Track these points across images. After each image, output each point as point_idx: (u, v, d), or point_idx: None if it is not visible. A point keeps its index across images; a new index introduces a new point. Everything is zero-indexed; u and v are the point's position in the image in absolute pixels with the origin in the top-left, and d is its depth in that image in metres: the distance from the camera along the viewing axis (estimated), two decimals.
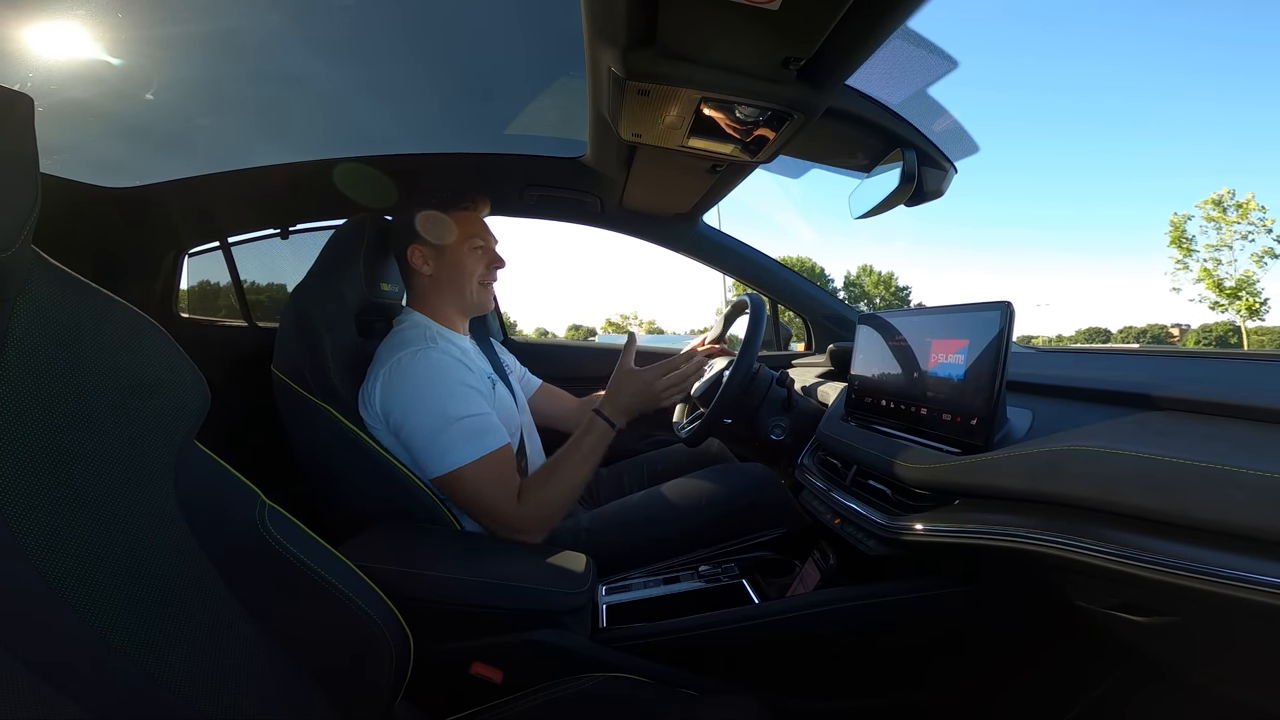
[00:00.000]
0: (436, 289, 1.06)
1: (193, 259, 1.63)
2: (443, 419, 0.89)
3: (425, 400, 0.90)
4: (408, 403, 0.90)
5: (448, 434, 0.89)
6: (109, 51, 1.00)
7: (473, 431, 0.90)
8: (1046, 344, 26.53)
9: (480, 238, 1.07)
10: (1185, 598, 0.46)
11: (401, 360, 0.92)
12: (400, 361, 0.92)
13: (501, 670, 0.75)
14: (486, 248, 1.08)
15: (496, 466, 0.90)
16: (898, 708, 0.86)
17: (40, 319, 0.39)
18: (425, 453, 0.89)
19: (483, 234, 1.08)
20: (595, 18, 0.68)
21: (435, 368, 0.92)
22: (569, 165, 1.37)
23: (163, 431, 0.45)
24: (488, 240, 1.08)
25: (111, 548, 0.39)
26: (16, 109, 0.35)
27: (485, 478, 0.89)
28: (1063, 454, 0.55)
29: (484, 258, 1.07)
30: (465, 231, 1.05)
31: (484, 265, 1.07)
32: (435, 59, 1.22)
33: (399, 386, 0.91)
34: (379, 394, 0.92)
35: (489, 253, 1.09)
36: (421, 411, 0.89)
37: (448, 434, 0.89)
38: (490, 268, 1.08)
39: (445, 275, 1.05)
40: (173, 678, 0.40)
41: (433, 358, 0.93)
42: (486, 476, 0.89)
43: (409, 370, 0.91)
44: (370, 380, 0.94)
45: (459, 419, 0.90)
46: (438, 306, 1.06)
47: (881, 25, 0.63)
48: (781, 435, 1.15)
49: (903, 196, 1.09)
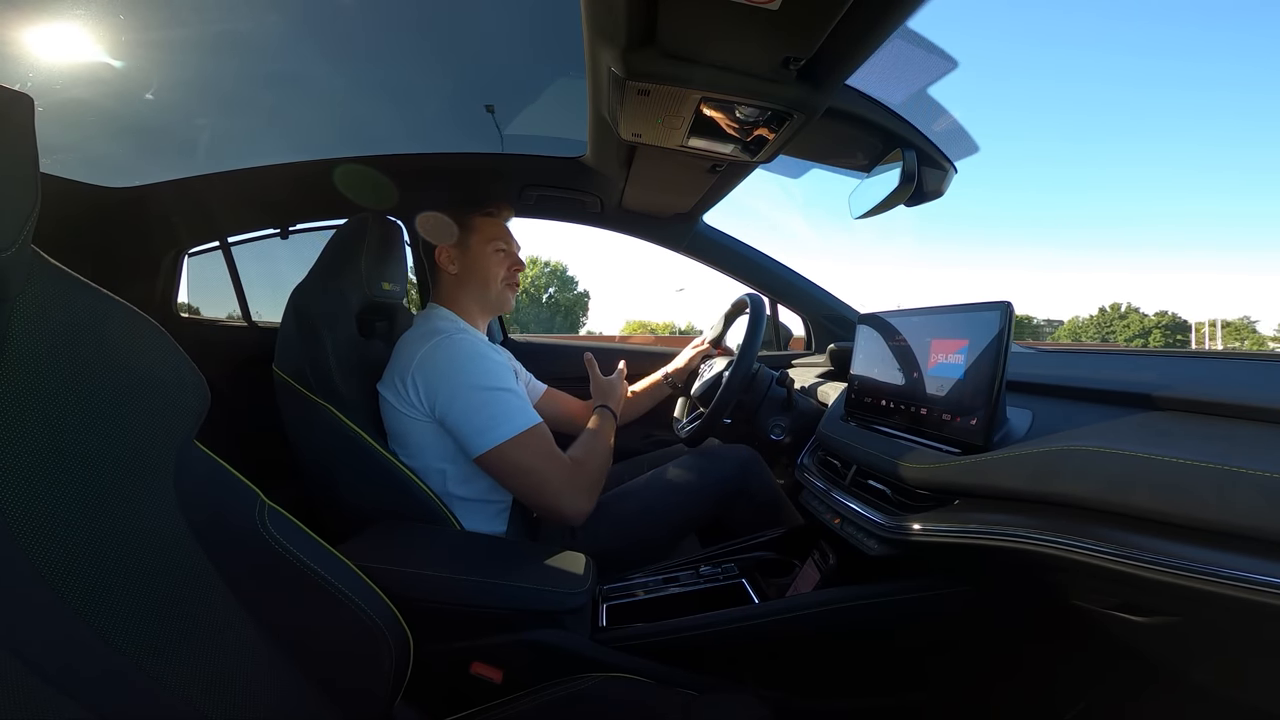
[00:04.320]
0: (461, 286, 1.10)
1: (193, 259, 1.63)
2: (485, 393, 0.92)
3: (471, 375, 0.93)
4: (452, 382, 0.92)
5: (490, 407, 0.91)
6: (109, 52, 1.00)
7: (515, 407, 0.93)
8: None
9: (503, 241, 1.12)
10: (1185, 598, 0.46)
11: (436, 345, 0.94)
12: (435, 347, 0.94)
13: (501, 670, 0.75)
14: (509, 251, 1.13)
15: (542, 439, 0.94)
16: (898, 708, 0.85)
17: (40, 319, 0.39)
18: (472, 430, 0.91)
19: (505, 238, 1.13)
20: (595, 18, 0.68)
21: (471, 348, 0.96)
22: (569, 165, 1.37)
23: (163, 431, 0.45)
24: (510, 244, 1.13)
25: (111, 547, 0.39)
26: (17, 109, 0.35)
27: (535, 449, 0.92)
28: (1063, 454, 0.55)
29: (505, 260, 1.12)
30: (488, 235, 1.11)
31: (505, 267, 1.12)
32: (435, 59, 1.22)
33: (439, 369, 0.93)
34: (421, 382, 0.93)
35: (510, 256, 1.13)
36: (468, 388, 0.92)
37: (490, 407, 0.91)
38: (511, 270, 1.13)
39: (468, 274, 1.10)
40: (172, 677, 0.40)
41: (466, 340, 0.97)
42: (536, 448, 0.92)
43: (446, 353, 0.94)
44: (400, 371, 0.95)
45: (500, 392, 0.93)
46: (462, 303, 1.10)
47: (881, 25, 0.63)
48: (781, 435, 1.15)
49: (903, 196, 1.08)
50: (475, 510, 0.98)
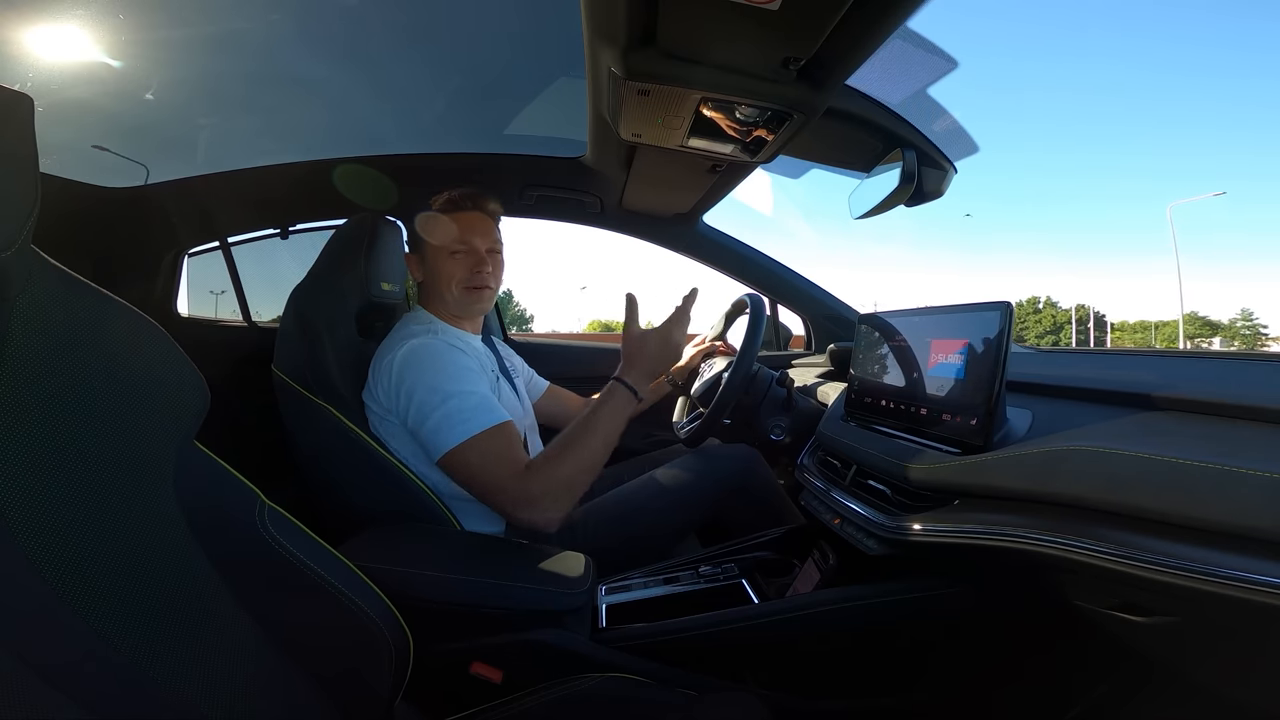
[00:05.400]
0: (426, 293, 1.08)
1: (192, 259, 1.63)
2: (440, 395, 0.89)
3: (425, 380, 0.91)
4: (409, 385, 0.91)
5: (443, 409, 0.88)
6: (109, 52, 1.00)
7: (470, 408, 0.89)
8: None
9: (462, 241, 1.02)
10: (1185, 598, 0.46)
11: (401, 351, 0.93)
12: (400, 353, 0.93)
13: (501, 670, 0.75)
14: (469, 251, 1.03)
15: (496, 441, 0.88)
16: (898, 708, 0.85)
17: (40, 319, 0.39)
18: (428, 434, 0.89)
19: (468, 237, 1.03)
20: (595, 18, 0.68)
21: (433, 352, 0.93)
22: (569, 165, 1.37)
23: (162, 431, 0.45)
24: (471, 243, 1.03)
25: (110, 547, 0.39)
26: (16, 109, 0.35)
27: (487, 452, 0.87)
28: (1062, 454, 0.55)
29: (466, 262, 1.03)
30: (440, 236, 1.03)
31: (466, 270, 1.03)
32: (435, 59, 1.22)
33: (402, 373, 0.92)
34: (384, 385, 0.93)
35: (472, 255, 1.03)
36: (423, 389, 0.90)
37: (443, 409, 0.88)
38: (473, 272, 1.03)
39: (429, 280, 1.06)
40: (171, 677, 0.40)
41: (432, 344, 0.94)
42: (488, 451, 0.87)
43: (409, 358, 0.92)
44: (375, 376, 0.95)
45: (455, 394, 0.89)
46: (433, 307, 1.08)
47: (881, 25, 0.63)
48: (781, 435, 1.15)
49: (902, 196, 1.09)
50: (475, 510, 0.98)
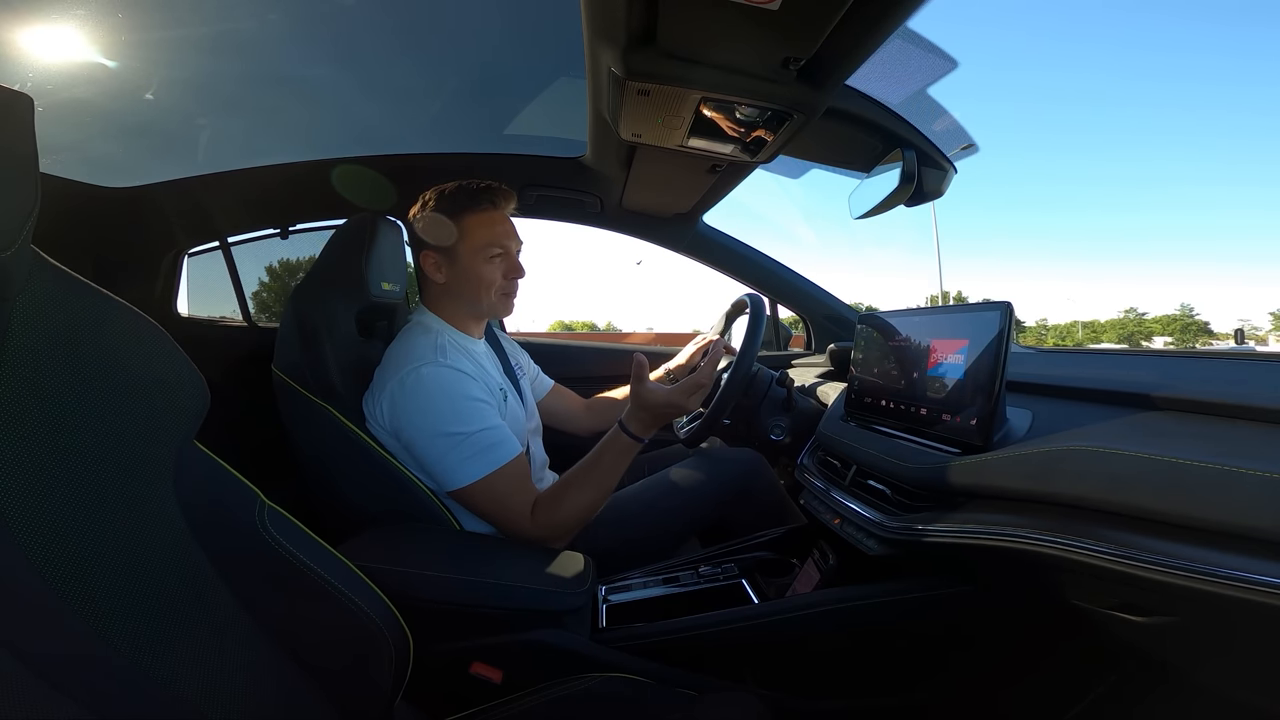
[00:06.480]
0: (450, 296, 1.01)
1: (192, 259, 1.63)
2: (452, 437, 0.87)
3: (433, 418, 0.88)
4: (417, 420, 0.89)
5: (458, 451, 0.87)
6: (108, 53, 1.00)
7: (482, 447, 0.88)
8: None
9: (498, 244, 0.97)
10: (1185, 598, 0.46)
11: (407, 378, 0.89)
12: (405, 379, 0.89)
13: (501, 670, 0.75)
14: (506, 254, 0.98)
15: (508, 481, 0.89)
16: (897, 708, 0.85)
17: (40, 319, 0.39)
18: (438, 469, 0.89)
19: (503, 239, 0.98)
20: (595, 18, 0.68)
21: (441, 383, 0.89)
22: (569, 165, 1.37)
23: (162, 431, 0.45)
24: (508, 246, 0.98)
25: (110, 547, 0.39)
26: (16, 109, 0.35)
27: (497, 492, 0.88)
28: (1062, 454, 0.55)
29: (502, 266, 0.98)
30: (481, 239, 0.97)
31: (501, 275, 0.99)
32: (435, 59, 1.22)
33: (407, 404, 0.89)
34: (387, 410, 0.91)
35: (508, 260, 0.99)
36: (430, 430, 0.88)
37: (458, 451, 0.87)
38: (508, 277, 1.00)
39: (459, 284, 0.99)
40: (171, 677, 0.40)
41: (440, 375, 0.89)
42: (499, 491, 0.88)
43: (415, 388, 0.89)
44: (377, 392, 0.93)
45: (468, 435, 0.88)
46: (452, 312, 1.02)
47: (881, 25, 0.63)
48: (781, 435, 1.15)
49: (902, 196, 1.09)
50: None
